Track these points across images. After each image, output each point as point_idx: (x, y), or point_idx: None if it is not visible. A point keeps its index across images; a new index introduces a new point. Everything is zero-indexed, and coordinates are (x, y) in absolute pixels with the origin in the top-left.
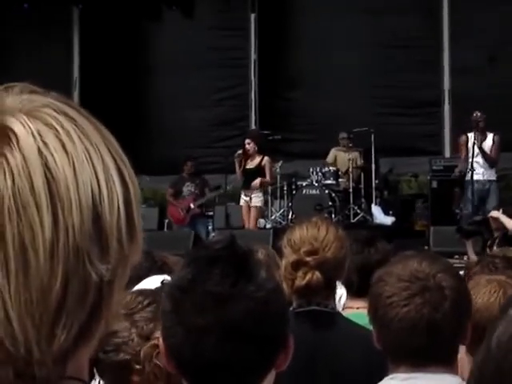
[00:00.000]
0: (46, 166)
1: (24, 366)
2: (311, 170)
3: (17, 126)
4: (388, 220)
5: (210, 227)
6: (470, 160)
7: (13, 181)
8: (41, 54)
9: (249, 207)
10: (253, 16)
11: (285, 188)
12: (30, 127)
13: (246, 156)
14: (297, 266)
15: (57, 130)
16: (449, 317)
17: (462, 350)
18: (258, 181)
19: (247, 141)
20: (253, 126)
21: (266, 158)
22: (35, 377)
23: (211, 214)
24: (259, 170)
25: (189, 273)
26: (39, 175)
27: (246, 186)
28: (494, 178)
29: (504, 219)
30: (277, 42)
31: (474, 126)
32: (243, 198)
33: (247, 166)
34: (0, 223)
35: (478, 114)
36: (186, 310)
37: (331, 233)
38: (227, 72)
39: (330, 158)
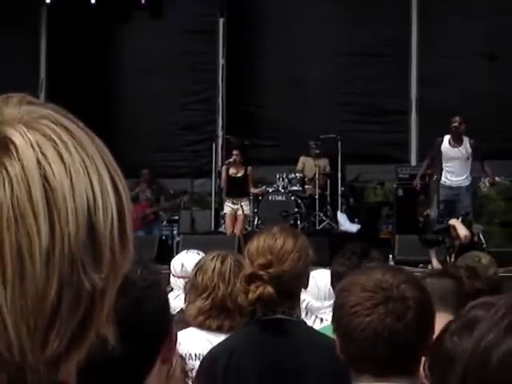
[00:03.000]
0: (44, 177)
1: (16, 372)
2: (278, 176)
3: (16, 136)
4: (353, 228)
5: (174, 231)
6: (450, 164)
7: (12, 190)
8: (7, 54)
9: (235, 215)
10: (221, 21)
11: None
12: (29, 138)
13: (233, 165)
14: (250, 279)
15: (55, 142)
16: (411, 327)
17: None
18: (257, 191)
19: (235, 152)
20: (220, 131)
21: (249, 167)
22: (26, 382)
23: (176, 218)
24: (245, 179)
25: None
26: (37, 185)
27: (234, 194)
28: (468, 182)
29: (459, 227)
30: (245, 47)
31: (454, 131)
32: (230, 206)
33: (234, 175)
34: None
35: (457, 118)
36: None
37: (289, 244)
38: (195, 76)
39: (299, 166)
